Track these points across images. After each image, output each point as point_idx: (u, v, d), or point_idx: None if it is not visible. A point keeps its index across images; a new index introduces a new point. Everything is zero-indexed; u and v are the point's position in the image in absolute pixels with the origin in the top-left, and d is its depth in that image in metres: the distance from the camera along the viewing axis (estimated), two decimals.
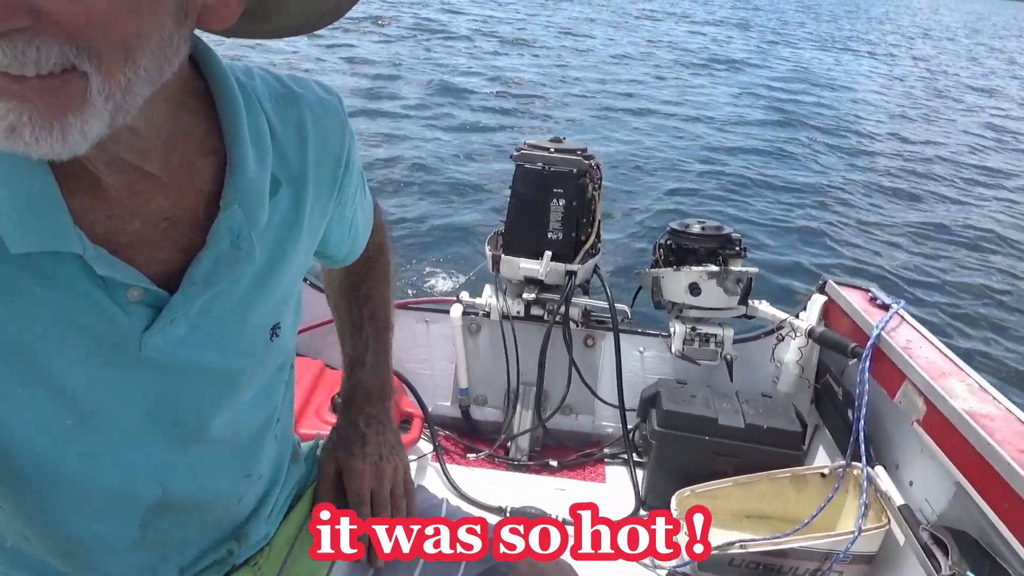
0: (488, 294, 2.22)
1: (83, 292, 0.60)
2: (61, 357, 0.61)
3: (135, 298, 0.62)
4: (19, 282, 0.58)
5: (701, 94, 11.47)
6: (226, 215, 0.66)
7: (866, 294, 1.96)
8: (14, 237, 0.56)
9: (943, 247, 6.12)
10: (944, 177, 8.31)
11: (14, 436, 0.61)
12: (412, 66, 10.83)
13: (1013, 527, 1.30)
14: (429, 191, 5.93)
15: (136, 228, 0.63)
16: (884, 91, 14.34)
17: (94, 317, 0.61)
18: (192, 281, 0.65)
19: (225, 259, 0.66)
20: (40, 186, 0.57)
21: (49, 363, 0.61)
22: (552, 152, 2.09)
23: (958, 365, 1.64)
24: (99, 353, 0.63)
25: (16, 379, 0.60)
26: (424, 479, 2.03)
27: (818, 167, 8.04)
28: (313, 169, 0.75)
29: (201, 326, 0.68)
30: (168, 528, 0.75)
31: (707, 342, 2.09)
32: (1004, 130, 11.75)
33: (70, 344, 0.61)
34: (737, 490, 1.85)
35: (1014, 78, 19.54)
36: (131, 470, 0.69)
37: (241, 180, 0.66)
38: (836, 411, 1.92)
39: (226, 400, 0.74)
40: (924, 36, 31.90)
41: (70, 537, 0.69)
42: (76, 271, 0.60)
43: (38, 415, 0.62)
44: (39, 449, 0.63)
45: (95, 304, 0.61)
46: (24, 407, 0.61)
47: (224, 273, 0.67)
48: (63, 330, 0.61)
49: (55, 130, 0.48)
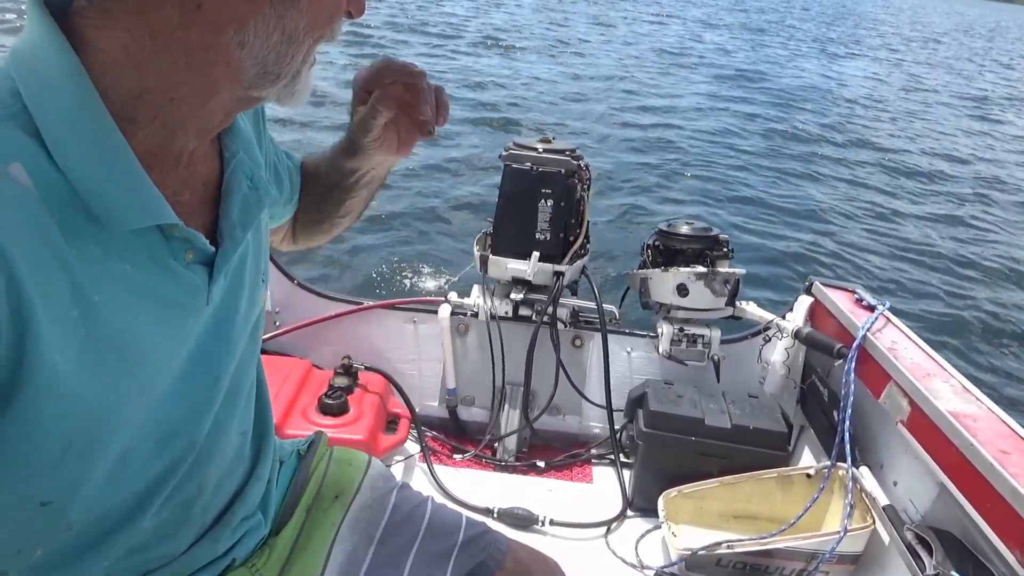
0: (476, 294, 2.21)
1: (161, 262, 0.65)
2: (147, 332, 0.63)
3: (191, 259, 0.67)
4: (111, 263, 0.60)
5: (689, 95, 11.51)
6: (237, 161, 0.74)
7: (852, 295, 1.97)
8: (121, 217, 0.59)
9: (929, 248, 6.18)
10: (931, 179, 8.39)
11: (91, 421, 0.60)
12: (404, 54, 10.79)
13: (995, 526, 1.31)
14: (416, 191, 5.91)
15: (186, 198, 0.69)
16: (872, 93, 14.45)
17: (172, 283, 0.66)
18: (232, 225, 0.71)
19: (250, 200, 0.74)
20: (133, 168, 0.60)
21: (139, 340, 0.62)
22: (541, 152, 2.09)
23: (942, 366, 1.65)
24: (175, 320, 0.67)
25: (111, 363, 0.60)
26: (411, 479, 2.03)
27: (806, 169, 8.09)
28: (259, 116, 0.85)
29: (230, 272, 0.74)
30: (192, 489, 0.76)
31: (694, 343, 2.10)
32: (991, 134, 11.88)
33: (156, 316, 0.64)
34: (723, 490, 1.86)
35: (1006, 81, 19.76)
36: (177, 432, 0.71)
37: (235, 129, 0.75)
38: (822, 412, 1.94)
39: (236, 349, 0.78)
40: (910, 39, 32.17)
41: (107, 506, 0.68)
42: (154, 243, 0.64)
43: (120, 395, 0.62)
44: (111, 427, 0.63)
45: (171, 271, 0.66)
46: (110, 390, 0.61)
47: (254, 211, 0.74)
48: (150, 304, 0.63)
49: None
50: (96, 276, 0.59)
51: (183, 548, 0.78)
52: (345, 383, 1.97)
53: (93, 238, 0.58)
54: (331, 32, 0.68)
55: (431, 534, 1.01)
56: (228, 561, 0.85)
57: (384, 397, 2.05)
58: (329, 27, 0.67)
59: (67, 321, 0.56)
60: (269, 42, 0.62)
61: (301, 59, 0.66)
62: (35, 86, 0.57)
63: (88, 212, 0.58)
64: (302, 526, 0.96)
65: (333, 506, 1.00)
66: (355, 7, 0.69)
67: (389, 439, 1.98)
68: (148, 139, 0.62)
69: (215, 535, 0.81)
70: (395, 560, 0.97)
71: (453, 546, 1.00)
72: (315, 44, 0.67)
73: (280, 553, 0.92)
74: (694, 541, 1.74)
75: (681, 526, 1.83)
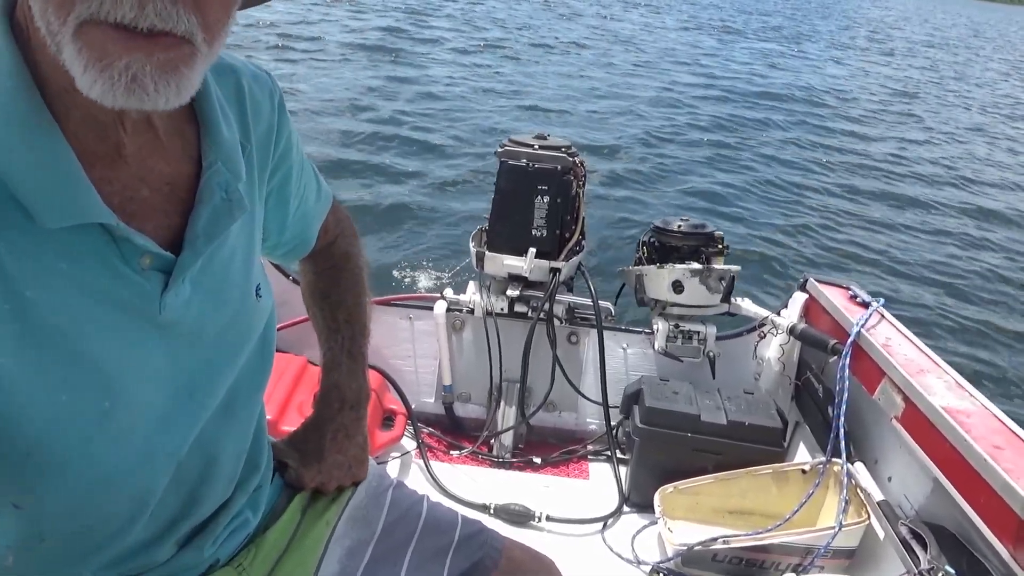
0: (472, 291, 2.21)
1: (106, 263, 0.62)
2: (93, 334, 0.61)
3: (147, 265, 0.65)
4: (46, 259, 0.59)
5: (682, 91, 11.51)
6: (212, 172, 0.70)
7: (847, 292, 1.98)
8: (48, 212, 0.58)
9: (923, 245, 6.19)
10: (927, 177, 8.41)
11: (46, 423, 0.59)
12: (396, 61, 10.78)
13: (989, 521, 1.32)
14: (412, 188, 5.91)
15: (144, 195, 0.66)
16: (866, 88, 14.47)
17: (118, 287, 0.63)
18: (196, 235, 0.68)
19: (220, 211, 0.70)
20: (64, 160, 0.58)
21: (83, 341, 0.61)
22: (536, 149, 2.09)
23: (936, 362, 1.66)
24: (127, 326, 0.64)
25: (52, 361, 0.59)
26: (407, 476, 2.03)
27: (801, 166, 8.10)
28: (254, 133, 0.80)
29: (202, 283, 0.71)
30: (176, 504, 0.76)
31: (690, 339, 2.10)
32: (985, 131, 11.91)
33: (99, 319, 0.62)
34: (719, 486, 1.87)
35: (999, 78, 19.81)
36: (152, 449, 0.69)
37: (218, 138, 0.71)
38: (817, 408, 1.94)
39: (228, 366, 0.76)
40: (904, 36, 32.22)
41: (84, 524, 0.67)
42: (98, 243, 0.61)
43: (74, 398, 0.61)
44: (72, 435, 0.61)
45: (118, 274, 0.63)
46: (59, 390, 0.60)
47: (222, 224, 0.71)
48: (91, 305, 0.61)
49: (172, 80, 0.55)
50: (27, 271, 0.57)
51: (167, 557, 0.78)
52: None
53: (25, 231, 0.57)
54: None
55: (427, 532, 1.01)
56: (211, 561, 0.84)
57: (380, 394, 2.05)
58: None
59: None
60: None
61: (55, 20, 0.53)
62: None
63: (20, 206, 0.57)
64: (297, 525, 0.96)
65: (329, 506, 1.00)
66: None
67: (385, 436, 1.98)
68: (82, 131, 0.60)
69: (200, 543, 0.81)
70: (392, 558, 0.97)
71: (449, 544, 1.00)
72: (61, 4, 0.52)
73: (269, 552, 0.91)
74: (690, 537, 1.74)
75: (677, 522, 1.84)
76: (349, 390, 1.04)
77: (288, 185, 0.89)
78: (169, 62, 0.54)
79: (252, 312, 0.80)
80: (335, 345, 1.05)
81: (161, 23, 0.52)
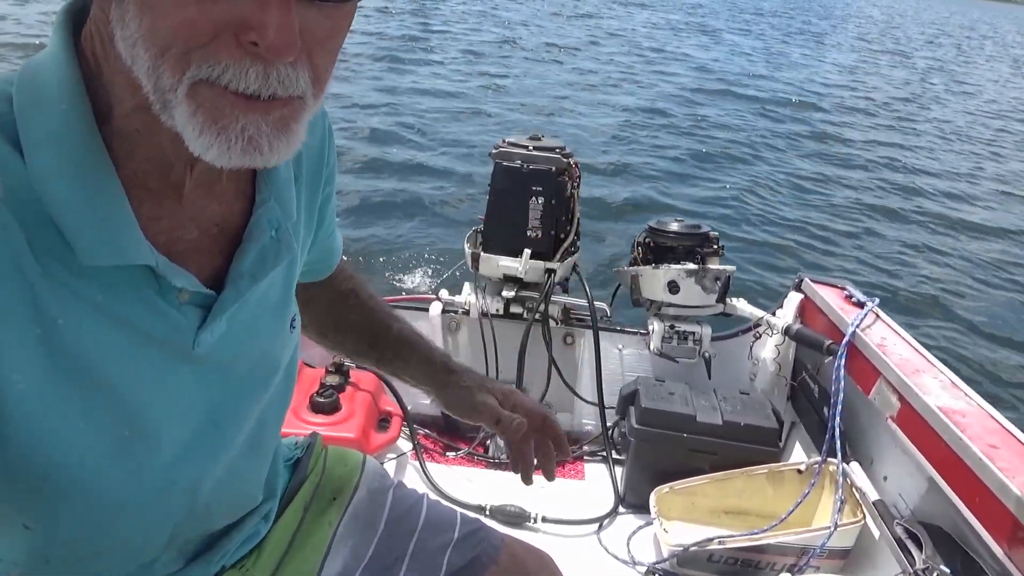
0: (467, 292, 2.21)
1: (142, 297, 0.61)
2: (120, 364, 0.60)
3: (184, 299, 0.63)
4: (82, 289, 0.57)
5: (677, 90, 11.53)
6: (264, 209, 0.69)
7: (842, 292, 1.98)
8: (90, 250, 0.56)
9: (918, 244, 6.21)
10: (924, 177, 8.43)
11: (65, 450, 0.58)
12: (392, 61, 10.78)
13: (984, 520, 1.32)
14: (407, 189, 5.90)
15: (193, 236, 0.64)
16: (860, 87, 14.51)
17: (153, 320, 0.62)
18: (240, 275, 0.66)
19: (268, 251, 0.69)
20: (113, 200, 0.57)
21: (108, 370, 0.59)
22: (531, 150, 2.09)
23: (931, 362, 1.66)
24: (157, 358, 0.63)
25: (74, 388, 0.58)
26: (403, 477, 2.02)
27: (795, 165, 8.12)
28: (305, 161, 0.77)
29: (238, 319, 0.69)
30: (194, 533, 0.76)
31: (685, 340, 2.10)
32: (984, 131, 11.95)
33: (130, 350, 0.61)
34: (715, 487, 1.87)
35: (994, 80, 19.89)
36: (171, 480, 0.67)
37: (273, 176, 0.70)
38: (812, 408, 1.94)
39: (257, 399, 0.75)
40: (904, 36, 32.34)
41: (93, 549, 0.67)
42: (137, 278, 0.60)
43: (93, 426, 0.59)
44: (89, 463, 0.60)
45: (154, 308, 0.62)
46: (78, 417, 0.58)
47: (269, 264, 0.69)
48: (122, 336, 0.60)
49: (284, 137, 0.55)
50: (61, 299, 0.56)
51: (174, 571, 0.78)
52: (337, 381, 1.96)
53: (63, 261, 0.56)
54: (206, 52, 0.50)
55: (427, 531, 1.01)
56: (218, 568, 0.84)
57: (376, 395, 2.04)
58: (183, 43, 0.50)
59: (27, 339, 0.55)
60: (129, 44, 0.51)
61: (168, 78, 0.51)
62: (29, 97, 0.55)
63: (61, 234, 0.55)
64: (298, 526, 0.95)
65: (330, 506, 0.99)
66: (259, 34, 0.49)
67: (381, 437, 1.98)
68: (143, 170, 0.59)
69: (210, 556, 0.81)
70: (393, 558, 0.97)
71: (448, 543, 1.00)
72: (177, 63, 0.50)
73: (272, 553, 0.91)
74: (686, 537, 1.74)
75: (673, 522, 1.84)
76: (449, 359, 1.07)
77: (328, 206, 0.87)
78: (282, 119, 0.54)
79: (285, 344, 0.78)
80: (405, 328, 1.05)
81: (283, 91, 0.52)
